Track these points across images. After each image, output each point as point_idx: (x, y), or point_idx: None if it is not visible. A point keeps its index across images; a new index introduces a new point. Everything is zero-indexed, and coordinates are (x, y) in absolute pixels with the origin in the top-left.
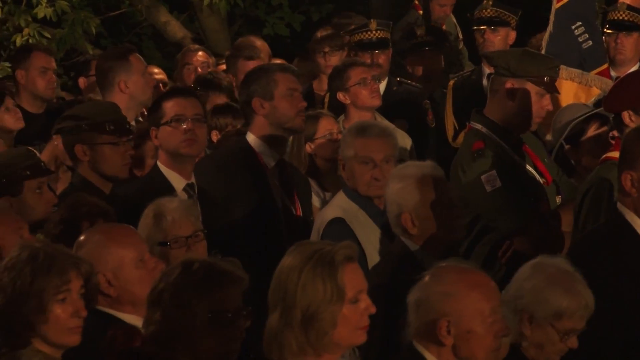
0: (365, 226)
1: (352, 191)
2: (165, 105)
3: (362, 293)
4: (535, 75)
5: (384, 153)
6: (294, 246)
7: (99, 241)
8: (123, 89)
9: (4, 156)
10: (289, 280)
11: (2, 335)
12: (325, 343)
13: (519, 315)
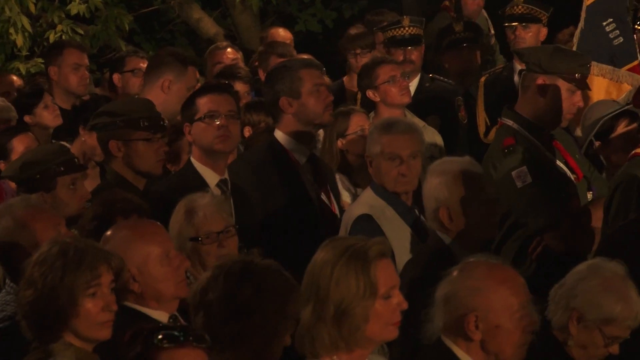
0: (393, 223)
1: (379, 188)
2: (199, 101)
3: (395, 289)
4: (567, 72)
5: (411, 149)
6: (327, 241)
7: (125, 237)
8: (164, 88)
9: (38, 152)
10: (322, 275)
11: (33, 329)
12: (357, 338)
13: (569, 313)
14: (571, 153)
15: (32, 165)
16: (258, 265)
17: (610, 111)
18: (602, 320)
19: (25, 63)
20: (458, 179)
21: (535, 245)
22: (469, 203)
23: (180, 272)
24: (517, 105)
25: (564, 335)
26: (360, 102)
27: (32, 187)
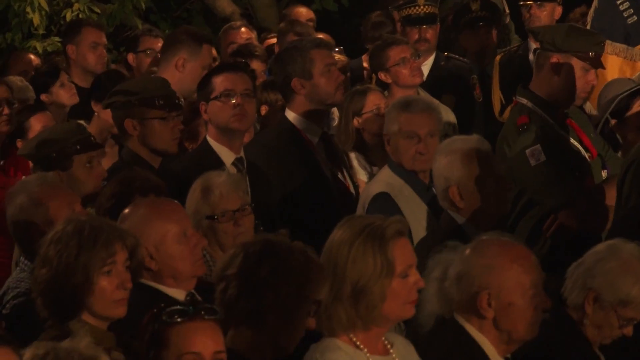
0: (410, 201)
1: (397, 166)
2: (214, 80)
3: (412, 268)
4: (581, 51)
5: (429, 127)
6: (344, 220)
7: (142, 215)
8: (179, 66)
9: (54, 131)
10: (339, 254)
11: (48, 307)
12: (374, 316)
13: (586, 293)
14: (585, 131)
15: (49, 144)
16: (280, 246)
17: (626, 89)
18: (618, 302)
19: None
20: (467, 157)
21: (549, 223)
22: (478, 180)
23: (197, 251)
24: (532, 84)
25: (579, 314)
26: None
27: (48, 165)
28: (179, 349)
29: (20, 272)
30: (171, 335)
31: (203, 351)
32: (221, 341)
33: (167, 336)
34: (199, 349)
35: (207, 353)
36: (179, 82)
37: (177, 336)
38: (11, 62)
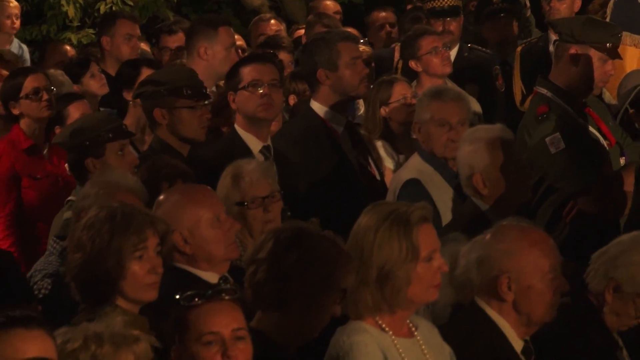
0: (440, 187)
1: (427, 154)
2: (242, 70)
3: (436, 252)
4: (598, 42)
5: (459, 116)
6: (370, 206)
7: (177, 201)
8: (202, 55)
9: (87, 120)
10: (365, 239)
11: (82, 291)
12: (399, 300)
13: (607, 282)
14: (604, 120)
15: (82, 133)
16: (310, 234)
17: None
18: (637, 294)
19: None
20: (490, 146)
21: (569, 209)
22: (501, 168)
23: (230, 235)
24: (551, 74)
25: (599, 301)
26: (402, 71)
27: (81, 153)
28: (199, 330)
29: (49, 255)
30: (190, 318)
31: (222, 330)
32: (240, 319)
33: (187, 319)
34: (218, 328)
35: (226, 331)
36: (207, 69)
37: (196, 318)
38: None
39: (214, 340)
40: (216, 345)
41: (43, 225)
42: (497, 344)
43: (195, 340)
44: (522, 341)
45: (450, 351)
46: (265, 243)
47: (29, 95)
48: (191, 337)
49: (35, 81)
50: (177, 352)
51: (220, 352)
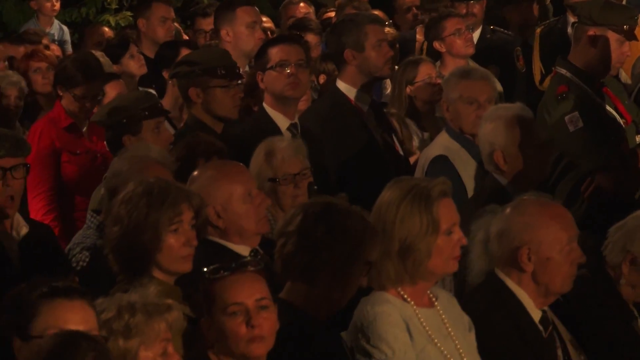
0: (467, 163)
1: (454, 131)
2: (270, 51)
3: (455, 226)
4: (616, 24)
5: (487, 94)
6: (392, 182)
7: (211, 176)
8: (226, 38)
9: (125, 98)
10: (387, 213)
11: (120, 263)
12: (420, 271)
13: (624, 254)
14: (620, 99)
15: (119, 111)
16: (338, 208)
17: None
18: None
19: (114, 16)
20: (510, 124)
21: (587, 185)
22: (521, 145)
23: (261, 210)
24: (570, 55)
25: (617, 273)
26: (426, 51)
27: (119, 131)
28: (224, 301)
29: (87, 228)
30: (216, 290)
31: (245, 300)
32: (264, 289)
33: (213, 291)
34: (242, 299)
35: (250, 302)
36: (234, 51)
37: (221, 290)
38: (87, 34)
39: (238, 310)
40: (241, 315)
41: (81, 198)
42: (516, 313)
43: (221, 311)
44: (540, 311)
45: (468, 320)
46: (295, 217)
47: None
48: (217, 308)
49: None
50: (206, 323)
51: (244, 322)
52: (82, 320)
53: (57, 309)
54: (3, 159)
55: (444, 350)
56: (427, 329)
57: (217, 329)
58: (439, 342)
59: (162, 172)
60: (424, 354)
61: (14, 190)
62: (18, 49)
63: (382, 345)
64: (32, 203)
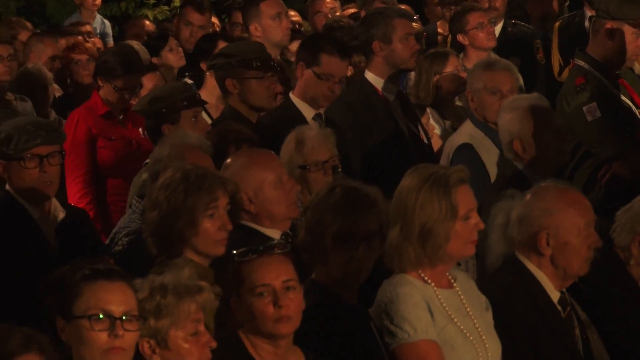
0: (490, 151)
1: (478, 120)
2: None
3: (473, 211)
4: (632, 18)
5: (510, 84)
6: (412, 169)
7: (243, 163)
8: (254, 32)
9: (164, 89)
10: (408, 199)
11: (158, 246)
12: (439, 255)
13: (632, 236)
14: (636, 90)
15: (159, 100)
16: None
17: None
18: None
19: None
20: (528, 113)
21: (604, 172)
22: (538, 134)
23: (291, 195)
24: (588, 47)
25: (626, 254)
26: (450, 44)
27: (159, 120)
28: (252, 283)
29: (132, 213)
30: (245, 271)
31: (272, 282)
32: (290, 271)
33: (242, 273)
34: (269, 281)
35: (277, 283)
36: (265, 42)
37: (249, 272)
38: (127, 28)
39: (265, 291)
40: (268, 296)
41: (115, 182)
42: (536, 294)
43: (249, 292)
44: (559, 292)
45: (485, 300)
46: (315, 199)
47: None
48: (245, 289)
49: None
50: (236, 303)
51: (272, 302)
52: (122, 301)
53: (99, 290)
54: (40, 147)
55: (463, 328)
56: (447, 308)
57: (245, 309)
58: (459, 321)
59: (201, 157)
60: (444, 332)
61: (51, 176)
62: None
63: (404, 324)
64: (69, 187)
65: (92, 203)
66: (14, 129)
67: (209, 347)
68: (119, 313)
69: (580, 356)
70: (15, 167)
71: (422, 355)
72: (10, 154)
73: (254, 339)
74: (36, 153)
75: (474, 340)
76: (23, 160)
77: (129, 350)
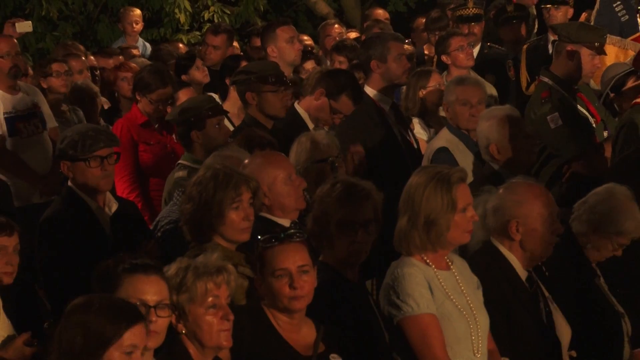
0: (464, 153)
1: (453, 127)
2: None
3: (469, 205)
4: (589, 42)
5: (478, 97)
6: (420, 168)
7: (259, 163)
8: (271, 53)
9: (192, 101)
10: (416, 193)
11: (192, 233)
12: (441, 241)
13: (588, 225)
14: (592, 102)
15: (188, 111)
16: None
17: (622, 71)
18: (614, 232)
19: (186, 35)
20: (502, 122)
21: (565, 170)
22: (511, 139)
23: (299, 190)
24: (552, 66)
25: (584, 240)
26: (436, 64)
27: (188, 127)
28: (272, 266)
29: (173, 205)
30: (267, 256)
31: (289, 266)
32: (305, 257)
33: (265, 257)
34: (286, 265)
35: (293, 267)
36: (280, 62)
37: (271, 257)
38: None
39: (283, 274)
40: (285, 277)
41: (155, 180)
42: (508, 274)
43: (270, 273)
44: (526, 272)
45: (477, 280)
46: (318, 193)
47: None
48: (267, 271)
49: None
50: (258, 281)
51: (288, 284)
52: (156, 291)
53: (136, 282)
54: (102, 149)
55: (458, 305)
56: (445, 287)
57: (267, 287)
58: (454, 298)
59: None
60: (442, 307)
61: (108, 173)
62: (108, 61)
63: (409, 300)
64: (118, 184)
65: (139, 197)
66: (78, 134)
67: (226, 320)
68: (153, 302)
69: (544, 325)
70: (80, 166)
71: (423, 326)
72: (76, 155)
73: (273, 311)
74: (98, 155)
75: (466, 315)
76: (88, 161)
77: (162, 333)
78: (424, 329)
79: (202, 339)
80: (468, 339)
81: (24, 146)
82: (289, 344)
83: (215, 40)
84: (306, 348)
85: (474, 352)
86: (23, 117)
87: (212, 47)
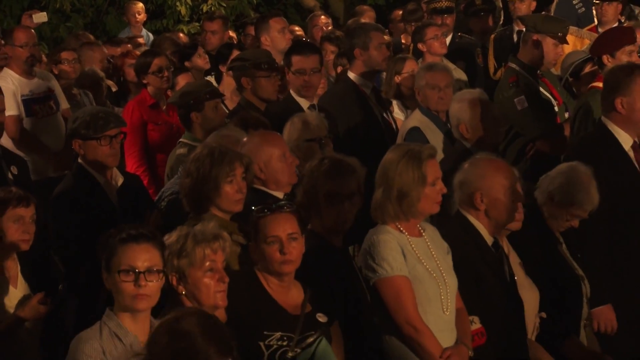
0: (434, 132)
1: (424, 109)
2: (293, 58)
3: (438, 179)
4: (553, 32)
5: (446, 81)
6: (393, 146)
7: (256, 142)
8: (264, 42)
9: (191, 85)
10: (390, 168)
11: (190, 205)
12: (412, 211)
13: (548, 195)
14: (555, 86)
15: (188, 94)
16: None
17: (580, 58)
18: (570, 204)
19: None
20: (472, 104)
21: (529, 148)
22: (480, 119)
23: (292, 167)
24: (519, 54)
25: (546, 210)
26: (412, 51)
27: (188, 109)
28: (265, 234)
29: (177, 178)
30: (260, 224)
31: (280, 234)
32: (294, 225)
33: (258, 225)
34: (277, 233)
35: (284, 235)
36: (272, 50)
37: (263, 225)
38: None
39: (274, 241)
40: (276, 244)
41: (162, 156)
42: (476, 240)
43: (263, 240)
44: (492, 238)
45: (447, 246)
46: (308, 167)
47: (155, 72)
48: (260, 238)
49: (160, 62)
50: (252, 247)
51: (279, 250)
52: (146, 258)
53: (128, 251)
54: (111, 129)
55: (428, 268)
56: (417, 252)
57: (259, 253)
58: (425, 262)
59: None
60: (414, 270)
61: (115, 151)
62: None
63: (383, 263)
64: (128, 160)
65: (146, 172)
66: (89, 115)
67: (222, 282)
68: (143, 268)
69: (508, 285)
70: (91, 144)
71: (396, 287)
72: (88, 134)
73: (265, 274)
74: (108, 134)
75: (436, 277)
76: (99, 140)
77: (153, 296)
78: (397, 289)
79: (200, 299)
80: (438, 299)
81: (39, 126)
82: (279, 304)
83: (212, 25)
84: (295, 308)
85: (443, 310)
86: (39, 99)
87: (211, 32)
